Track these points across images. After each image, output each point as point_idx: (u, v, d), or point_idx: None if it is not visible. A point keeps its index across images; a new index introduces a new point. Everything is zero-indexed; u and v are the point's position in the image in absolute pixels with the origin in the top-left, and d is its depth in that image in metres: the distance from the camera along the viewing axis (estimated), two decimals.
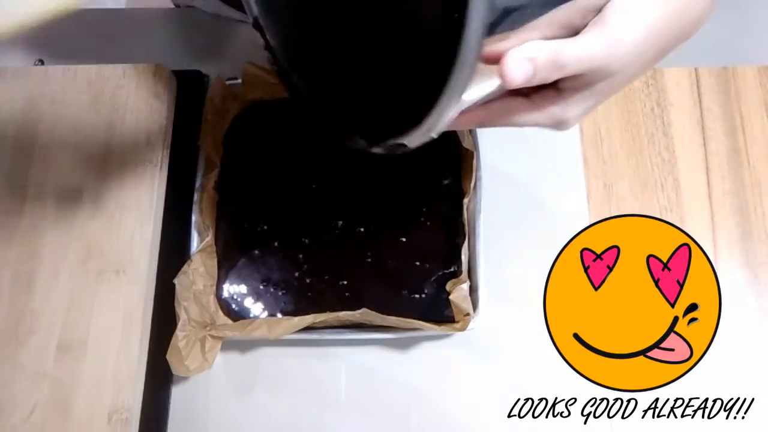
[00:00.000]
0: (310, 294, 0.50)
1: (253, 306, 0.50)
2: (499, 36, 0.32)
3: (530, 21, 0.33)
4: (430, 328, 0.46)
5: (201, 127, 0.52)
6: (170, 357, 0.45)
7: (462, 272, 0.48)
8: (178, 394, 0.50)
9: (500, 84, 0.29)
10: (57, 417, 0.43)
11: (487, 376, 0.50)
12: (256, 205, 0.52)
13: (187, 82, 0.54)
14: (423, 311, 0.49)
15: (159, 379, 0.48)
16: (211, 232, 0.49)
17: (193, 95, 0.55)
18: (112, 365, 0.44)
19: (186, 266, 0.47)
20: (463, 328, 0.45)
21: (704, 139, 0.55)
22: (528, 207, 0.54)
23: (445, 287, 0.48)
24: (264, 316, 0.50)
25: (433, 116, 0.27)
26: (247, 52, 0.57)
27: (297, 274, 0.51)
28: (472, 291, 0.47)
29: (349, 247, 0.51)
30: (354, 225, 0.52)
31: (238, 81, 0.53)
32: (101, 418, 0.43)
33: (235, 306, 0.50)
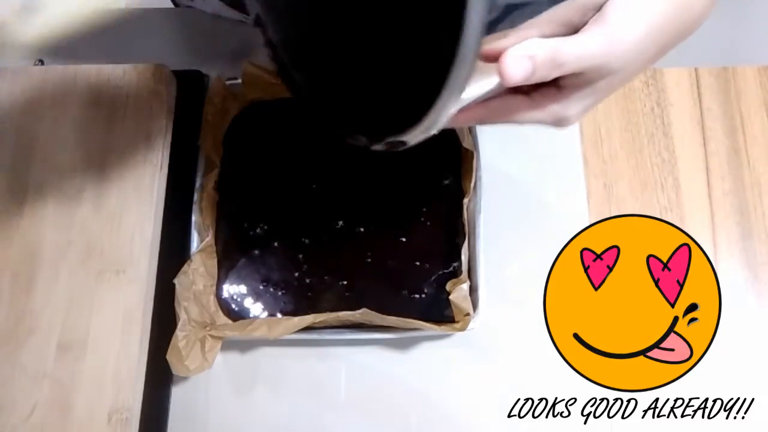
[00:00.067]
0: (310, 294, 0.50)
1: (253, 306, 0.50)
2: (498, 34, 0.32)
3: (531, 18, 0.33)
4: (430, 328, 0.46)
5: (201, 127, 0.52)
6: (170, 357, 0.45)
7: (462, 272, 0.48)
8: (178, 394, 0.50)
9: (500, 82, 0.29)
10: (57, 417, 0.43)
11: (487, 376, 0.50)
12: (256, 205, 0.52)
13: (187, 82, 0.54)
14: (423, 311, 0.49)
15: (159, 379, 0.48)
16: (211, 232, 0.49)
17: (193, 95, 0.54)
18: (112, 365, 0.44)
19: (186, 266, 0.47)
20: (463, 328, 0.45)
21: (704, 139, 0.55)
22: (528, 207, 0.54)
23: (445, 287, 0.48)
24: (264, 316, 0.50)
25: (432, 114, 0.27)
26: (247, 52, 0.57)
27: (297, 274, 0.51)
28: (472, 291, 0.47)
29: (349, 247, 0.51)
30: (354, 225, 0.52)
31: (238, 81, 0.53)
32: (101, 418, 0.43)
33: (234, 306, 0.50)
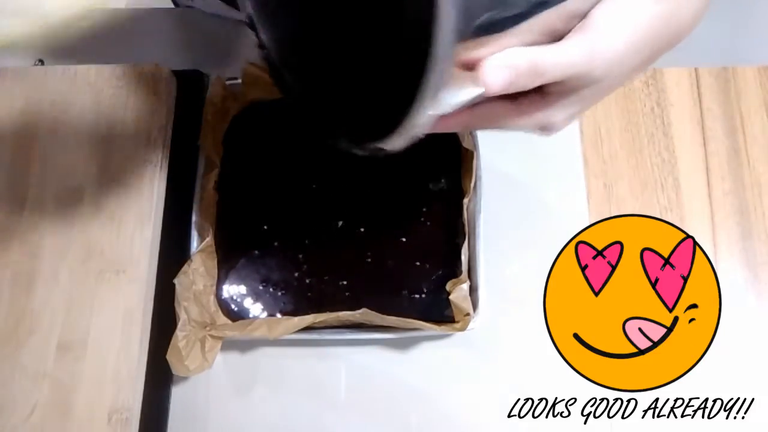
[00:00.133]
0: (310, 294, 0.50)
1: (252, 306, 0.50)
2: (479, 41, 0.31)
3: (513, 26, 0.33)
4: (430, 328, 0.46)
5: (201, 127, 0.52)
6: (170, 357, 0.45)
7: (462, 272, 0.48)
8: (178, 394, 0.50)
9: (481, 91, 0.29)
10: (57, 417, 0.43)
11: (487, 376, 0.50)
12: (256, 205, 0.52)
13: (187, 82, 0.54)
14: (423, 311, 0.49)
15: (159, 379, 0.48)
16: (211, 232, 0.49)
17: (193, 95, 0.55)
18: (112, 365, 0.44)
19: (186, 266, 0.47)
20: (463, 328, 0.45)
21: (704, 139, 0.55)
22: (528, 207, 0.54)
23: (445, 287, 0.48)
24: (264, 316, 0.50)
25: (407, 121, 0.27)
26: (247, 52, 0.57)
27: (297, 274, 0.51)
28: (472, 291, 0.47)
29: (349, 247, 0.51)
30: (354, 225, 0.52)
31: (238, 81, 0.53)
32: (101, 418, 0.43)
33: (234, 306, 0.50)
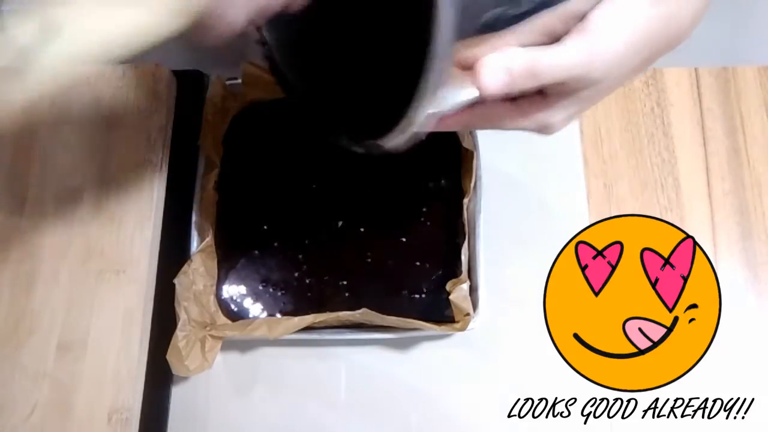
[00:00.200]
0: (310, 294, 0.50)
1: (252, 306, 0.50)
2: (480, 39, 0.31)
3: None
4: (430, 328, 0.46)
5: (201, 127, 0.52)
6: (170, 357, 0.45)
7: (462, 272, 0.48)
8: (178, 394, 0.50)
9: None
10: (57, 417, 0.43)
11: (487, 376, 0.50)
12: (256, 205, 0.52)
13: (187, 82, 0.54)
14: (423, 311, 0.49)
15: (159, 379, 0.48)
16: (211, 232, 0.49)
17: (193, 95, 0.54)
18: (112, 365, 0.44)
19: (186, 266, 0.47)
20: (463, 328, 0.45)
21: (704, 139, 0.55)
22: (528, 207, 0.54)
23: (445, 287, 0.48)
24: (264, 316, 0.50)
25: (406, 119, 0.28)
26: (247, 52, 0.57)
27: (297, 274, 0.51)
28: (472, 291, 0.47)
29: (349, 247, 0.51)
30: (354, 225, 0.52)
31: (238, 81, 0.53)
32: (101, 418, 0.43)
33: (234, 306, 0.50)
